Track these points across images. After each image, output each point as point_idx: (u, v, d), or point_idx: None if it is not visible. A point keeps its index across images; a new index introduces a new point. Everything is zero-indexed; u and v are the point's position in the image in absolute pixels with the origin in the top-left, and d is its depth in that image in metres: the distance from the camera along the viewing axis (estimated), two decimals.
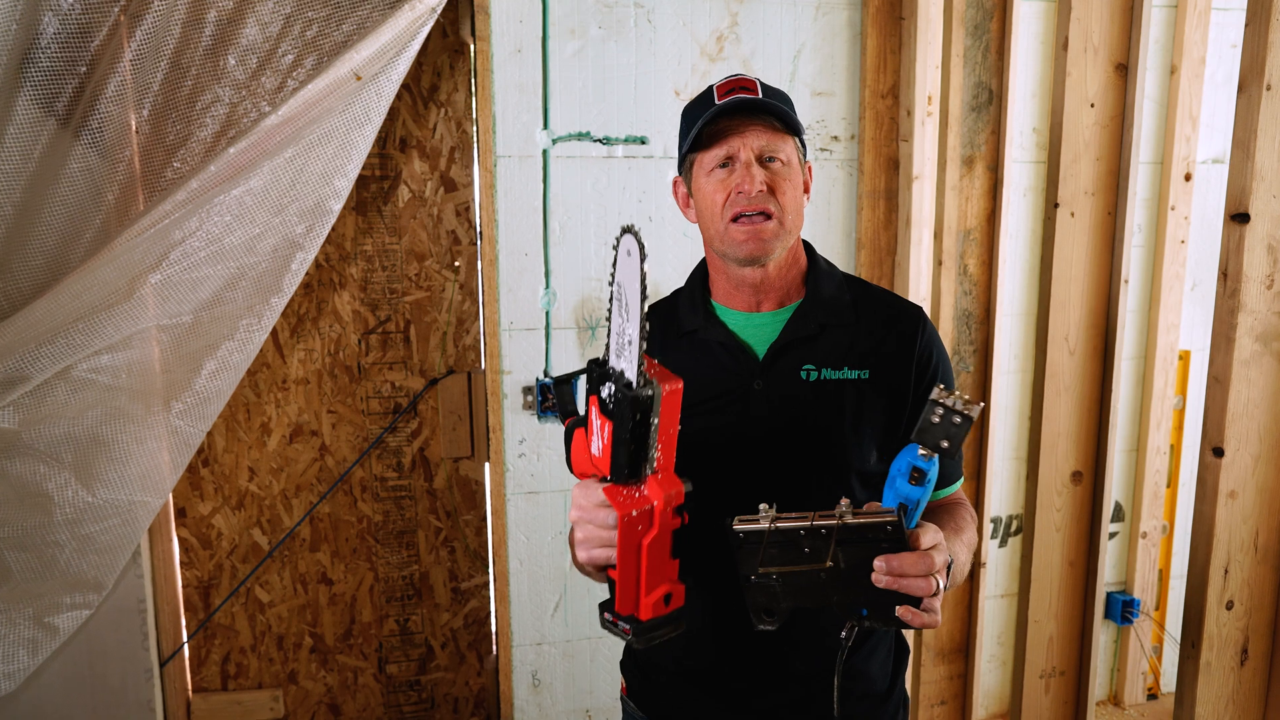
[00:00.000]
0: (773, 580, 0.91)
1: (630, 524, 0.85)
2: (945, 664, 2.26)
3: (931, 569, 0.86)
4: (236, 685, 2.23)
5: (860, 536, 0.87)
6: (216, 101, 1.83)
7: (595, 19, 1.96)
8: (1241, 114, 1.30)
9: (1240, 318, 1.32)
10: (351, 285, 2.12)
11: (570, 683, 2.19)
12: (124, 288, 1.72)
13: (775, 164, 1.09)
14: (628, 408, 0.83)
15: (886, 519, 0.87)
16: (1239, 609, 1.40)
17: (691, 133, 1.10)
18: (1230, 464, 1.36)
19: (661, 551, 0.87)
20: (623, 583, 0.88)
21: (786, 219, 1.09)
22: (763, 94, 1.09)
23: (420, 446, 2.20)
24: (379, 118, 1.77)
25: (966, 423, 0.88)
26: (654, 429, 0.84)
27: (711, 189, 1.10)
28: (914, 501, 0.91)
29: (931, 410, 0.89)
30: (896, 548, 0.87)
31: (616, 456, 0.85)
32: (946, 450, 0.89)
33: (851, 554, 0.88)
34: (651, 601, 0.88)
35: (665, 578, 0.88)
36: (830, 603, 0.90)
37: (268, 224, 1.79)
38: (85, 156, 1.77)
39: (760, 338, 1.14)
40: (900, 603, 0.88)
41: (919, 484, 0.91)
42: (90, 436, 1.82)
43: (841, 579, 0.89)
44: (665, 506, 0.86)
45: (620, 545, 0.86)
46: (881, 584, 0.87)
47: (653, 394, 0.83)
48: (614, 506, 0.86)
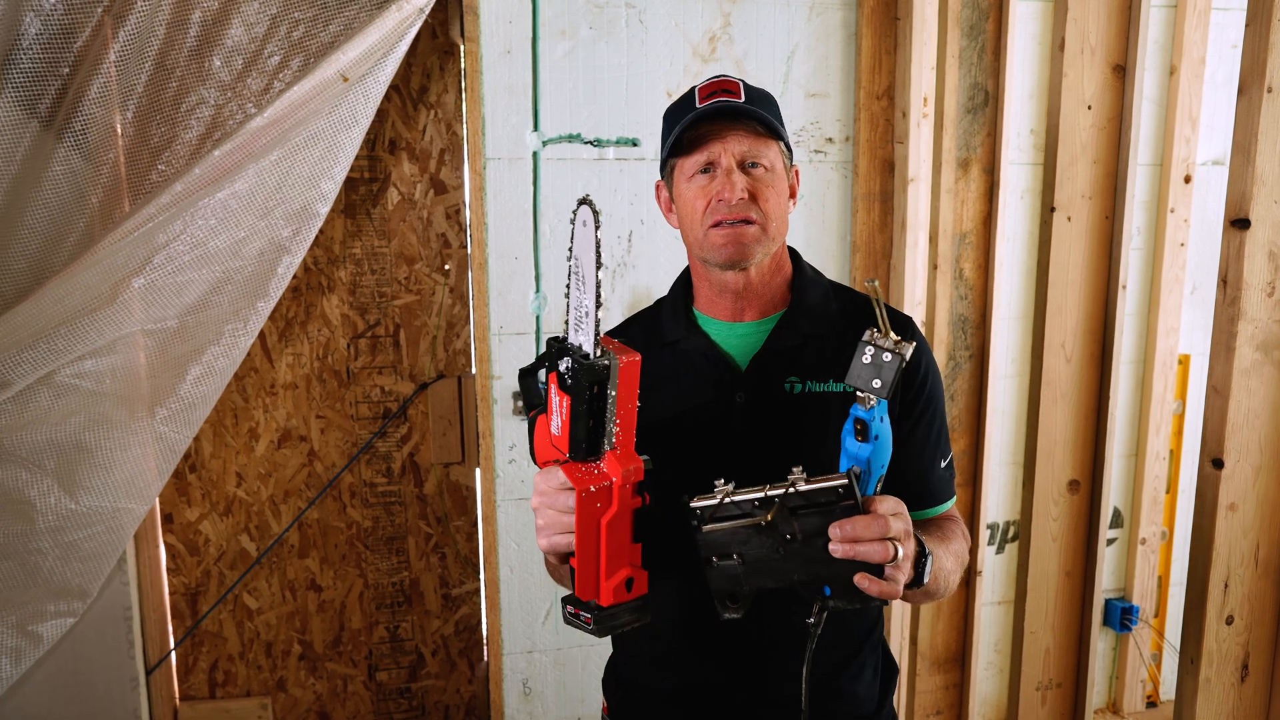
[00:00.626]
0: (733, 561, 0.89)
1: (589, 500, 0.84)
2: (940, 674, 2.23)
3: (886, 532, 0.83)
4: (224, 693, 2.21)
5: (813, 503, 0.85)
6: (202, 103, 1.81)
7: (586, 19, 1.93)
8: (1242, 117, 1.27)
9: (1240, 326, 1.29)
10: (340, 289, 2.09)
11: (562, 691, 2.16)
12: (107, 292, 1.70)
13: (758, 170, 1.06)
14: (584, 378, 0.82)
15: (837, 482, 0.84)
16: (1239, 624, 1.37)
17: (671, 136, 1.07)
18: (1230, 476, 1.33)
19: (621, 531, 0.86)
20: (582, 565, 0.86)
21: (770, 225, 1.06)
22: (746, 97, 1.06)
23: (410, 452, 2.18)
24: (366, 120, 1.75)
25: (896, 360, 0.85)
26: (611, 401, 0.83)
27: (692, 195, 1.07)
28: (863, 462, 0.88)
29: (860, 351, 0.87)
30: (851, 514, 0.84)
31: (574, 431, 0.84)
32: (879, 390, 0.86)
33: (808, 525, 0.85)
34: (612, 586, 0.86)
35: (626, 561, 0.87)
36: (792, 581, 0.87)
37: (253, 227, 1.76)
38: (68, 159, 1.75)
39: (743, 348, 1.12)
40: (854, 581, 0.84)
41: (865, 440, 0.88)
42: (73, 443, 1.80)
43: (801, 554, 0.86)
44: (624, 482, 0.85)
45: (578, 523, 0.85)
46: (838, 553, 0.83)
47: (609, 364, 0.82)
48: (572, 483, 0.84)
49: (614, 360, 0.83)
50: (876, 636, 1.17)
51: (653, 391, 1.14)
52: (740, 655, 1.11)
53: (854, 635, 1.14)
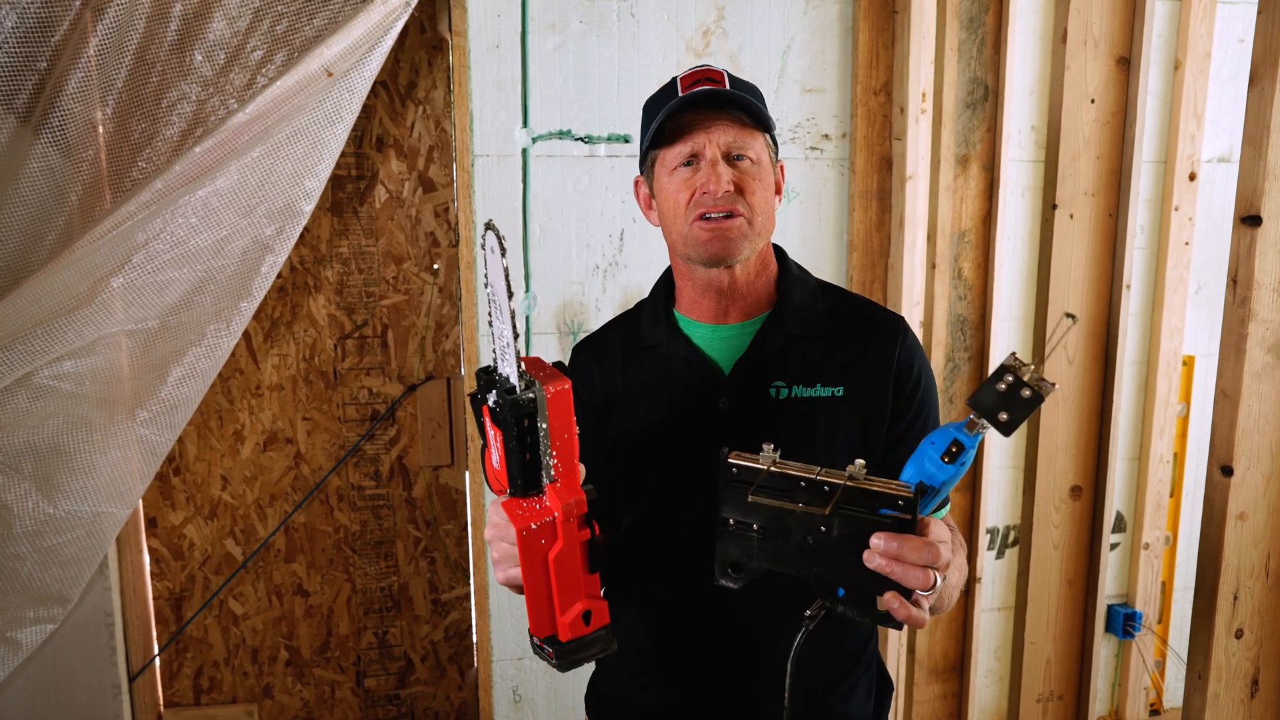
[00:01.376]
0: (752, 531, 0.82)
1: (531, 538, 0.80)
2: (939, 683, 2.19)
3: (935, 561, 0.77)
4: (210, 700, 2.17)
5: (866, 505, 0.78)
6: (183, 99, 1.77)
7: (576, 13, 1.89)
8: (1253, 108, 1.22)
9: (1251, 327, 1.24)
10: (327, 288, 2.05)
11: (552, 699, 2.12)
12: (86, 291, 1.66)
13: (744, 162, 1.01)
14: (510, 413, 0.78)
15: (901, 492, 0.77)
16: (1249, 638, 1.32)
17: (652, 126, 1.02)
18: (1240, 484, 1.28)
19: (571, 566, 0.81)
20: (533, 602, 0.82)
21: (756, 220, 1.01)
22: (731, 86, 1.01)
23: (399, 454, 2.14)
24: (351, 116, 1.71)
25: (1035, 400, 0.78)
26: (544, 434, 0.79)
27: (675, 188, 1.02)
28: (938, 483, 0.81)
29: (1000, 376, 0.79)
30: (901, 529, 0.77)
31: (510, 467, 0.80)
32: (1003, 424, 0.79)
33: (848, 524, 0.79)
34: (568, 621, 0.82)
35: (581, 594, 0.82)
36: (808, 574, 0.81)
37: (236, 226, 1.73)
38: (47, 155, 1.72)
39: (726, 352, 1.07)
40: (884, 591, 0.78)
41: (951, 462, 0.81)
42: (51, 446, 1.76)
43: (828, 550, 0.80)
44: (566, 517, 0.80)
45: (523, 561, 0.81)
46: (873, 565, 0.77)
47: (534, 396, 0.78)
48: (511, 521, 0.80)
49: (540, 392, 0.79)
50: (870, 653, 1.13)
51: (633, 398, 1.10)
52: (723, 673, 1.07)
53: (847, 653, 1.09)
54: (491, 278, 0.81)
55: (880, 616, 0.80)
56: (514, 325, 0.79)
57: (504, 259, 0.79)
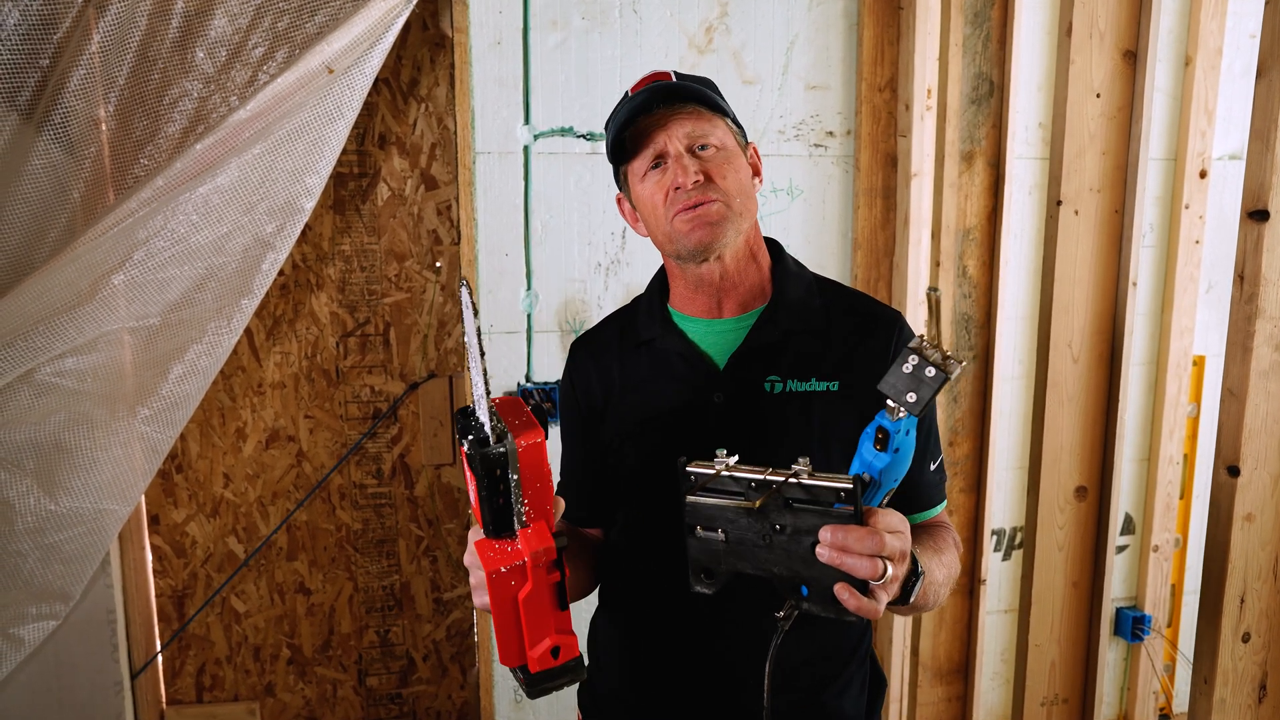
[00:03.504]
0: (717, 537, 0.84)
1: (501, 580, 0.82)
2: (943, 685, 2.16)
3: (880, 550, 0.77)
4: (212, 697, 2.17)
5: (812, 500, 0.79)
6: (185, 96, 1.77)
7: (578, 9, 1.88)
8: (1260, 101, 1.20)
9: (1258, 324, 1.21)
10: (329, 286, 2.05)
11: (554, 699, 2.11)
12: (88, 288, 1.67)
13: (708, 151, 1.01)
14: (480, 465, 0.81)
15: (841, 484, 0.78)
16: (1256, 641, 1.29)
17: (610, 140, 1.04)
18: (1247, 484, 1.26)
19: (540, 606, 0.84)
20: (502, 635, 0.84)
21: (733, 201, 1.01)
22: (678, 80, 1.03)
23: (401, 453, 2.13)
24: (352, 112, 1.71)
25: (939, 378, 0.79)
26: (515, 484, 0.82)
27: (649, 192, 1.03)
28: (876, 471, 0.83)
29: (904, 358, 0.80)
30: (849, 521, 0.78)
31: (484, 512, 0.83)
32: (911, 405, 0.80)
33: (801, 521, 0.80)
34: (538, 654, 0.84)
35: (550, 630, 0.84)
36: (770, 573, 0.83)
37: (237, 223, 1.73)
38: (49, 152, 1.72)
39: (721, 346, 1.06)
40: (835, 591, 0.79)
41: (884, 450, 0.82)
42: (53, 442, 1.77)
43: (785, 548, 0.81)
44: (535, 563, 0.82)
45: (492, 600, 0.83)
46: (824, 558, 0.78)
47: (506, 451, 0.80)
48: (482, 562, 0.83)
49: (511, 445, 0.81)
50: (864, 650, 1.12)
51: (629, 393, 1.09)
52: (713, 669, 1.06)
53: (839, 651, 1.08)
54: (467, 332, 0.84)
55: (844, 611, 0.80)
56: (485, 379, 0.81)
57: (476, 319, 0.82)
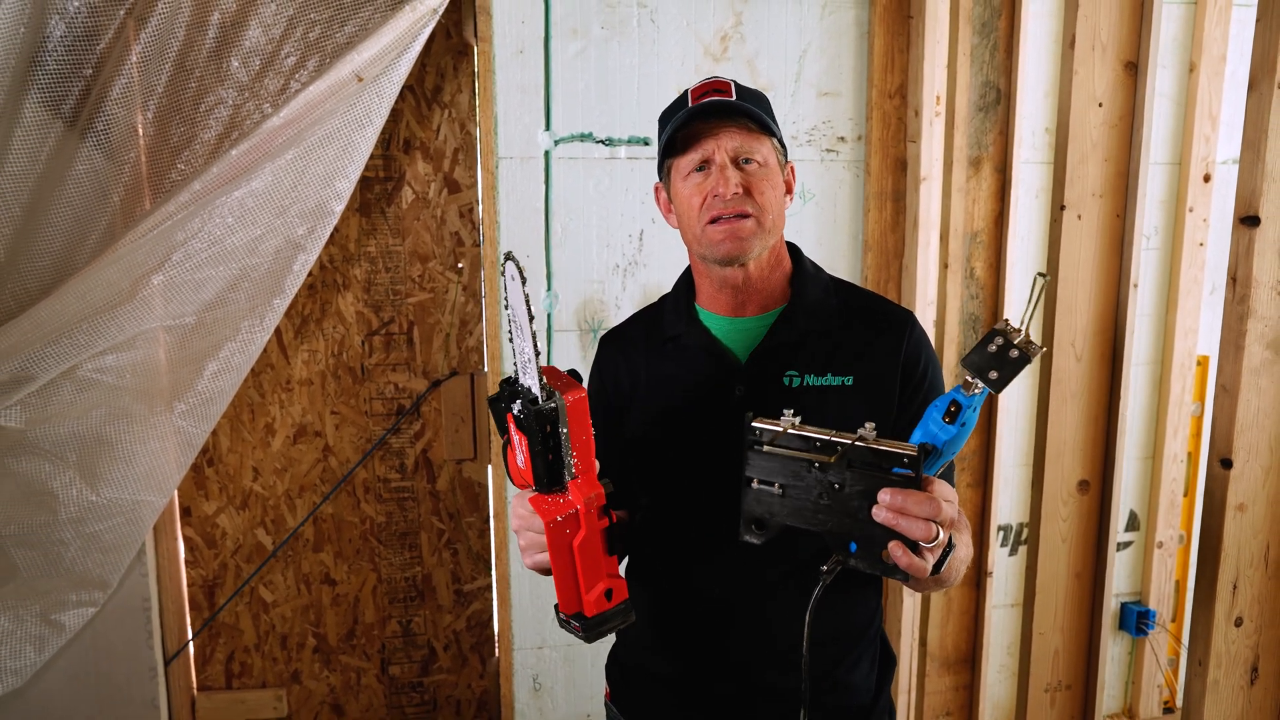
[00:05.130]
0: (773, 490, 0.90)
1: (557, 528, 0.90)
2: (951, 674, 2.22)
3: (936, 515, 0.83)
4: (240, 684, 2.25)
5: (874, 464, 0.85)
6: (220, 103, 1.84)
7: (598, 19, 1.94)
8: (1252, 113, 1.25)
9: (1250, 324, 1.27)
10: (355, 286, 2.12)
11: (571, 687, 2.17)
12: (128, 288, 1.73)
13: (751, 165, 1.08)
14: (534, 421, 0.88)
15: (906, 450, 0.84)
16: (1248, 626, 1.35)
17: (663, 137, 1.10)
18: (1239, 475, 1.32)
19: (593, 551, 0.91)
20: (561, 583, 0.92)
21: (765, 218, 1.08)
22: (737, 95, 1.08)
23: (423, 448, 2.20)
24: (381, 119, 1.77)
25: (1022, 360, 0.84)
26: (565, 438, 0.89)
27: (688, 193, 1.09)
28: (940, 443, 0.88)
29: (990, 339, 0.86)
30: (907, 485, 0.84)
31: (535, 467, 0.90)
32: (993, 381, 0.85)
33: (859, 481, 0.86)
34: (593, 598, 0.92)
35: (603, 574, 0.92)
36: (823, 528, 0.88)
37: (270, 225, 1.79)
38: (91, 158, 1.79)
39: (743, 343, 1.13)
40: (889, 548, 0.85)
41: (952, 422, 0.87)
42: (95, 436, 1.84)
43: (841, 506, 0.87)
44: (587, 509, 0.90)
45: (551, 549, 0.90)
46: (880, 518, 0.84)
47: (556, 405, 0.88)
48: (539, 514, 0.90)
49: (560, 402, 0.88)
50: (874, 630, 1.18)
51: (654, 387, 1.16)
52: (736, 646, 1.12)
53: (852, 629, 1.14)
54: (512, 302, 0.91)
55: (888, 569, 0.86)
56: (535, 343, 0.88)
57: (524, 287, 0.89)
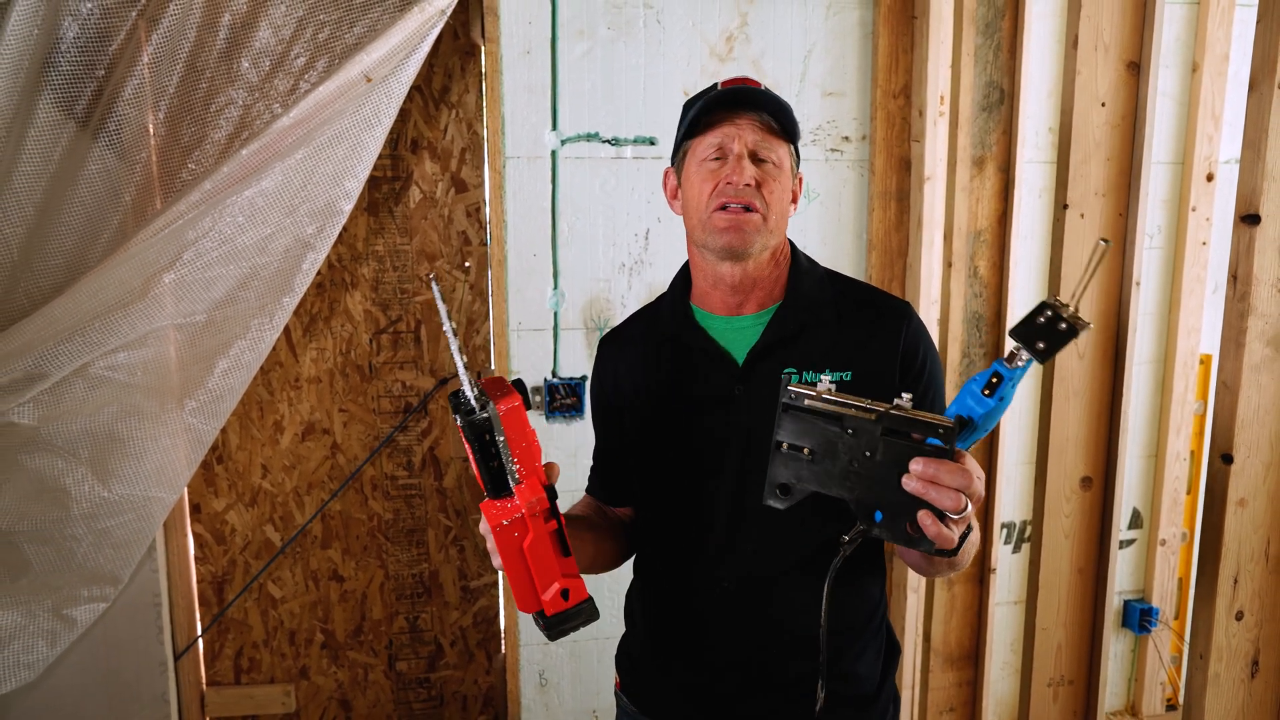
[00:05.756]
0: (803, 455, 0.90)
1: (504, 532, 0.93)
2: (954, 670, 2.23)
3: (967, 486, 0.83)
4: (249, 679, 2.26)
5: (908, 433, 0.85)
6: (230, 103, 1.85)
7: (604, 20, 1.96)
8: (1252, 113, 1.27)
9: (1250, 321, 1.29)
10: (363, 285, 2.14)
11: (577, 683, 2.19)
12: (139, 287, 1.75)
13: (767, 164, 1.09)
14: (470, 431, 0.92)
15: (942, 422, 0.85)
16: (1249, 620, 1.37)
17: (688, 117, 1.11)
18: (1240, 471, 1.33)
19: (544, 552, 0.94)
20: (515, 584, 0.95)
21: (771, 218, 1.09)
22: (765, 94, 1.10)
23: (430, 445, 2.22)
24: (389, 119, 1.78)
25: (1070, 332, 0.84)
26: (503, 445, 0.92)
27: (701, 178, 1.10)
28: (978, 416, 0.88)
29: (1040, 311, 0.85)
30: (940, 456, 0.84)
31: (482, 475, 0.94)
32: (1040, 351, 0.85)
33: (891, 450, 0.86)
34: (550, 598, 0.95)
35: (557, 574, 0.95)
36: (852, 495, 0.88)
37: (279, 224, 1.81)
38: (103, 158, 1.80)
39: (740, 342, 1.14)
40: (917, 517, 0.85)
41: (991, 395, 0.87)
42: (106, 433, 1.85)
43: (871, 474, 0.87)
44: (530, 513, 0.93)
45: (501, 552, 0.94)
46: (910, 487, 0.84)
47: (489, 415, 0.91)
48: (486, 519, 0.93)
49: (493, 410, 0.91)
50: (879, 620, 1.19)
51: (654, 386, 1.17)
52: (741, 637, 1.13)
53: (856, 619, 1.16)
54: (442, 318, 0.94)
55: (911, 539, 0.86)
56: (462, 356, 0.91)
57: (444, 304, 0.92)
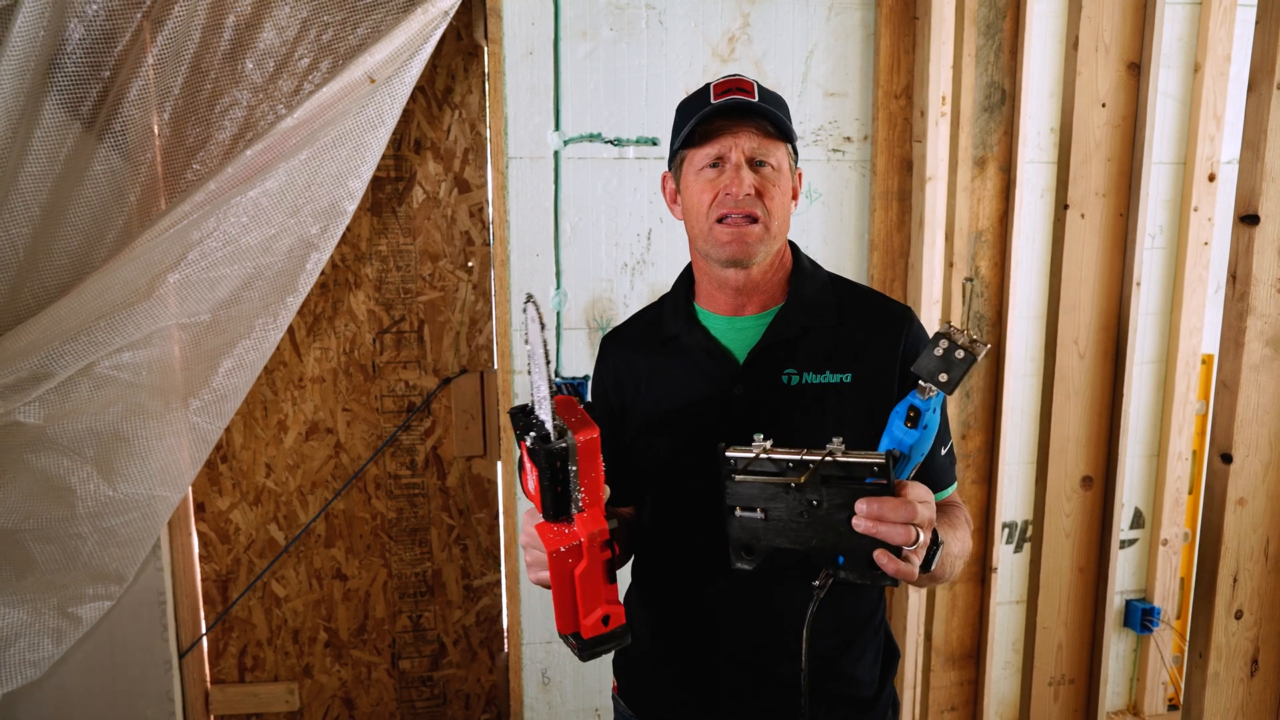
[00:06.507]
0: (756, 516, 0.91)
1: (560, 558, 0.92)
2: (955, 669, 2.24)
3: (912, 518, 0.84)
4: (253, 678, 2.27)
5: (847, 476, 0.86)
6: (235, 104, 1.86)
7: (607, 21, 1.97)
8: (1251, 114, 1.27)
9: (1249, 321, 1.29)
10: (367, 285, 2.15)
11: (579, 681, 2.20)
12: (144, 287, 1.76)
13: (765, 168, 1.09)
14: (544, 459, 0.90)
15: (874, 460, 0.86)
16: (1248, 619, 1.37)
17: (684, 129, 1.10)
18: (1239, 470, 1.33)
19: (594, 580, 0.93)
20: (560, 607, 0.94)
21: (773, 224, 1.09)
22: (759, 97, 1.09)
23: (433, 445, 2.23)
24: (392, 120, 1.79)
25: (968, 359, 0.86)
26: (574, 474, 0.91)
27: (700, 188, 1.10)
28: (907, 448, 0.89)
29: (935, 343, 0.87)
30: (881, 493, 0.85)
31: (544, 499, 0.92)
32: (944, 384, 0.86)
33: (835, 495, 0.87)
34: (590, 623, 0.94)
35: (601, 600, 0.94)
36: (809, 546, 0.90)
37: (283, 224, 1.82)
38: (108, 159, 1.82)
39: (741, 342, 1.14)
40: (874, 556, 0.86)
41: (914, 427, 0.89)
42: (112, 432, 1.87)
43: (822, 521, 0.88)
44: (590, 543, 0.92)
45: (553, 575, 0.92)
46: (860, 528, 0.85)
47: (567, 446, 0.90)
48: (544, 543, 0.92)
49: (571, 442, 0.90)
50: (878, 622, 1.20)
51: (655, 386, 1.18)
52: (741, 637, 1.14)
53: (855, 620, 1.16)
54: (532, 341, 0.93)
55: (879, 577, 0.87)
56: (550, 382, 0.90)
57: (543, 331, 0.91)
